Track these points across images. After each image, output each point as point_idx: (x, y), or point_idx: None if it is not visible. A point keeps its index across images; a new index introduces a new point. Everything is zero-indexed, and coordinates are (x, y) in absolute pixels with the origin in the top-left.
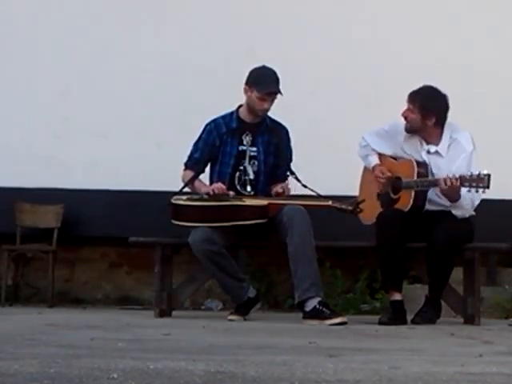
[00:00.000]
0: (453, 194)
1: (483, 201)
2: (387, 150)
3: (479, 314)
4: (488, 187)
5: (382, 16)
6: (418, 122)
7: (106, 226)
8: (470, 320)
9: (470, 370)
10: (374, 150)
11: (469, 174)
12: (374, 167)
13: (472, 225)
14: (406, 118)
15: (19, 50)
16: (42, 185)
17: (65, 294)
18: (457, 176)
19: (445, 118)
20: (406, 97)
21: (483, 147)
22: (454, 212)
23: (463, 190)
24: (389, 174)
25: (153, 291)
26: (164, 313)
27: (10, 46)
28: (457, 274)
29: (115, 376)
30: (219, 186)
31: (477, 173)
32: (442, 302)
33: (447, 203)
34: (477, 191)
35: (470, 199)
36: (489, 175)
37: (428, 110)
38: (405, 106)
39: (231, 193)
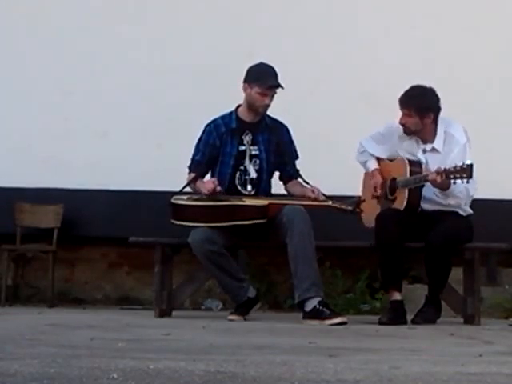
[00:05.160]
0: (442, 184)
1: (483, 201)
2: (384, 154)
3: (479, 314)
4: (471, 177)
5: (382, 16)
6: (418, 124)
7: (106, 226)
8: (470, 320)
9: (470, 370)
10: (371, 155)
11: (453, 165)
12: (372, 172)
13: (471, 224)
14: (404, 125)
15: (19, 50)
16: (42, 185)
17: (65, 294)
18: (442, 169)
19: (439, 110)
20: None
21: (483, 148)
22: (448, 202)
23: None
24: (378, 193)
25: (153, 291)
26: (164, 313)
27: (10, 45)
28: (457, 274)
29: (115, 376)
30: (209, 188)
31: (460, 164)
32: (442, 302)
33: (444, 202)
34: (462, 182)
35: (464, 188)
36: (471, 165)
37: (424, 108)
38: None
39: (218, 188)
